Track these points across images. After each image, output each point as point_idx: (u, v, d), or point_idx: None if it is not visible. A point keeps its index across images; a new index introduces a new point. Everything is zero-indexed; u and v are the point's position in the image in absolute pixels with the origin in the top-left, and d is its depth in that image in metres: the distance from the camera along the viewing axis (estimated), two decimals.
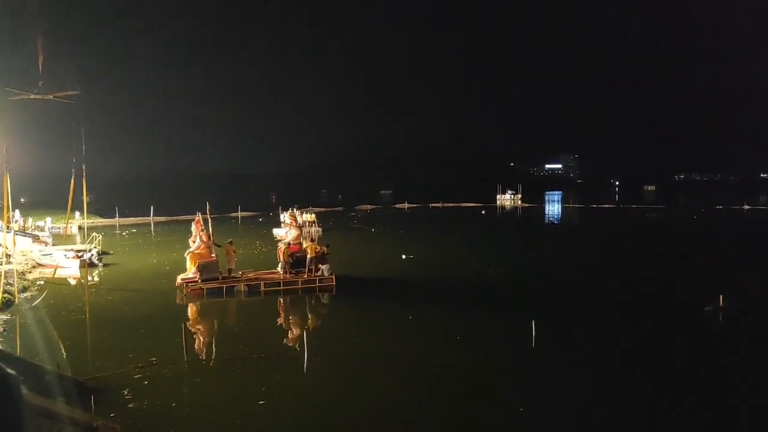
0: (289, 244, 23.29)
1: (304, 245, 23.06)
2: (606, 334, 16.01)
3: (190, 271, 22.02)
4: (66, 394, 10.92)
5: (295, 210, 37.30)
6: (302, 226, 27.36)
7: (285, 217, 33.50)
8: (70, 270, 26.25)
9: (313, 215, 46.88)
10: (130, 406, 10.75)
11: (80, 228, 35.80)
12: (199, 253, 22.16)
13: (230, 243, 23.48)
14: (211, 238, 22.81)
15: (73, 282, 24.47)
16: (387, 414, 10.63)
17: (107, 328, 16.45)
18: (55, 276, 24.39)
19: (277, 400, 11.15)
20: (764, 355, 14.24)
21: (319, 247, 22.88)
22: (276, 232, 41.54)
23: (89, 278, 24.89)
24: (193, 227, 23.11)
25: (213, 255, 22.21)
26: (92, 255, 27.78)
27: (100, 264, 27.77)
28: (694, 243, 39.90)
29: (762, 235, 45.67)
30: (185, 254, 22.98)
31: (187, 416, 10.58)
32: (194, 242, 22.75)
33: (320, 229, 44.36)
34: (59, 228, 41.37)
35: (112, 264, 28.63)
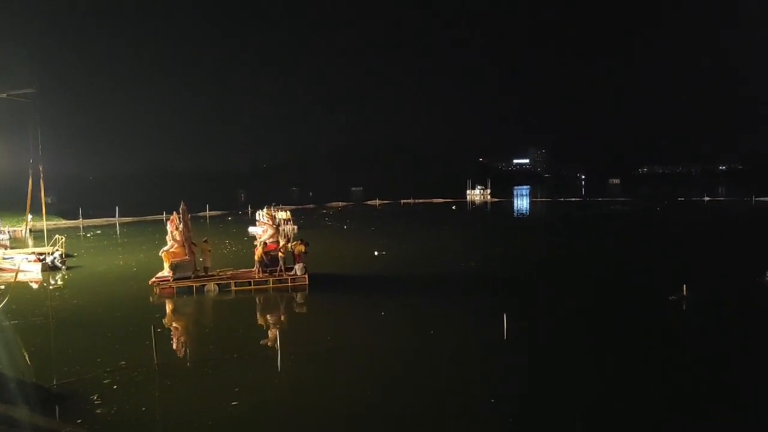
0: (265, 243, 23.10)
1: (281, 243, 22.94)
2: (574, 325, 16.31)
3: (166, 270, 21.78)
4: (30, 401, 10.61)
5: (272, 208, 36.98)
6: (278, 225, 27.16)
7: (261, 215, 33.04)
8: (31, 274, 25.46)
9: (288, 213, 46.60)
10: (99, 411, 10.49)
11: (31, 231, 34.52)
12: (173, 252, 21.92)
13: (205, 242, 23.48)
14: (190, 236, 22.47)
15: (35, 286, 23.74)
16: (361, 410, 10.63)
17: (73, 333, 16.01)
18: (17, 280, 23.60)
19: (250, 400, 11.03)
20: (727, 341, 14.71)
21: (304, 247, 22.71)
22: (252, 230, 41.10)
23: (53, 282, 24.20)
24: (169, 226, 22.82)
25: (187, 254, 21.89)
26: (55, 258, 26.97)
27: (64, 267, 26.99)
28: (658, 234, 41.01)
29: (721, 226, 47.22)
30: (160, 253, 22.69)
31: (158, 420, 10.38)
32: (170, 241, 22.51)
33: (295, 227, 44.11)
34: (17, 230, 40.22)
35: (77, 267, 27.86)
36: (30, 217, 35.96)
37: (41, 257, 26.61)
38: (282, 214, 44.43)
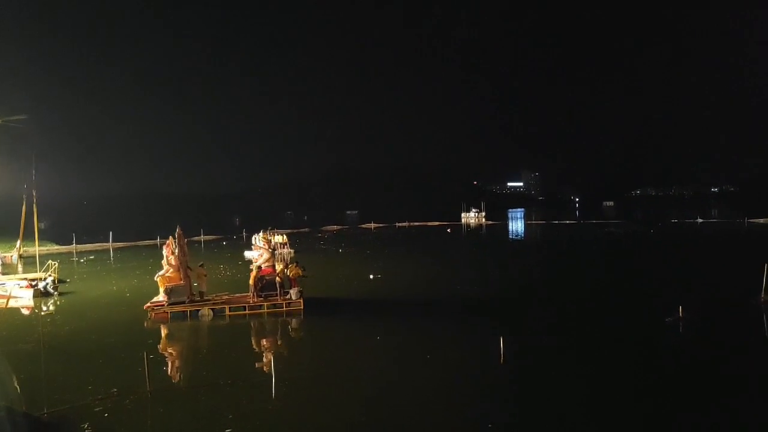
0: (260, 267, 23.00)
1: (279, 268, 22.87)
2: (572, 348, 16.21)
3: (161, 295, 21.66)
4: (22, 430, 10.41)
5: (268, 232, 36.96)
6: (274, 249, 27.11)
7: (257, 239, 33.08)
8: (23, 300, 25.18)
9: (285, 237, 46.53)
10: None
11: (21, 257, 34.24)
12: (168, 277, 21.80)
13: (201, 266, 23.38)
14: (186, 260, 22.32)
15: (26, 312, 23.47)
16: None
17: (64, 360, 15.77)
18: (8, 306, 23.34)
19: (244, 427, 10.84)
20: (725, 360, 14.65)
21: (300, 271, 22.63)
22: (248, 254, 40.99)
23: (44, 308, 23.94)
24: (164, 250, 22.71)
25: (182, 279, 21.74)
26: (47, 284, 26.71)
27: (56, 293, 26.72)
28: (652, 256, 41.10)
29: (715, 247, 47.39)
30: (155, 278, 22.56)
31: None
32: (165, 265, 22.41)
33: (292, 251, 43.98)
34: (6, 256, 39.96)
35: (69, 292, 27.59)
36: (19, 243, 35.88)
37: (33, 283, 26.35)
38: (278, 238, 44.38)
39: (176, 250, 21.97)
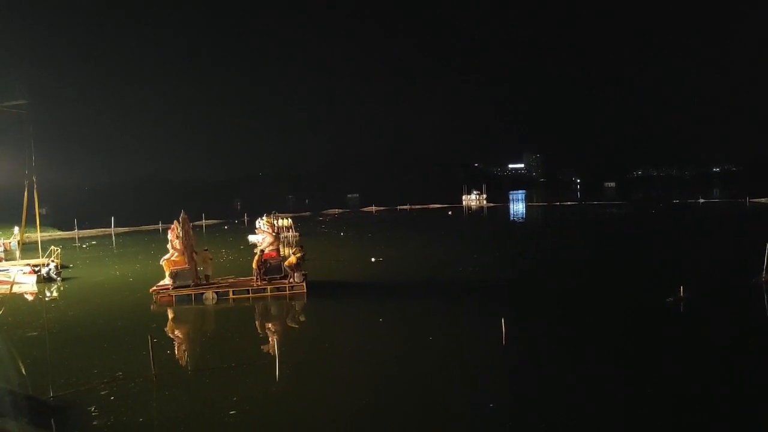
0: (262, 251, 23.08)
1: (282, 252, 22.97)
2: (572, 330, 16.28)
3: (167, 279, 21.82)
4: (27, 414, 10.53)
5: (272, 216, 37.04)
6: (279, 232, 27.17)
7: (261, 223, 33.17)
8: (26, 286, 25.32)
9: (290, 220, 46.74)
10: (95, 423, 10.39)
11: (19, 243, 34.35)
12: (173, 261, 21.93)
13: (206, 250, 23.53)
14: (191, 244, 22.38)
15: (30, 298, 23.60)
16: (360, 419, 10.56)
17: (69, 344, 15.89)
18: (12, 292, 23.46)
19: (248, 409, 10.95)
20: (726, 342, 14.71)
21: (300, 254, 22.69)
22: (251, 238, 41.12)
23: (48, 293, 24.06)
24: (170, 234, 22.81)
25: (187, 263, 21.83)
26: (50, 269, 26.83)
27: (59, 278, 26.84)
28: (653, 236, 41.12)
29: (717, 227, 47.40)
30: (160, 261, 22.71)
31: (155, 431, 10.29)
32: (171, 249, 22.54)
33: (297, 234, 44.19)
34: (5, 242, 40.18)
35: (72, 278, 27.72)
36: (16, 229, 36.06)
37: (36, 269, 26.47)
38: (283, 222, 44.67)
39: (181, 234, 22.04)
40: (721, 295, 19.51)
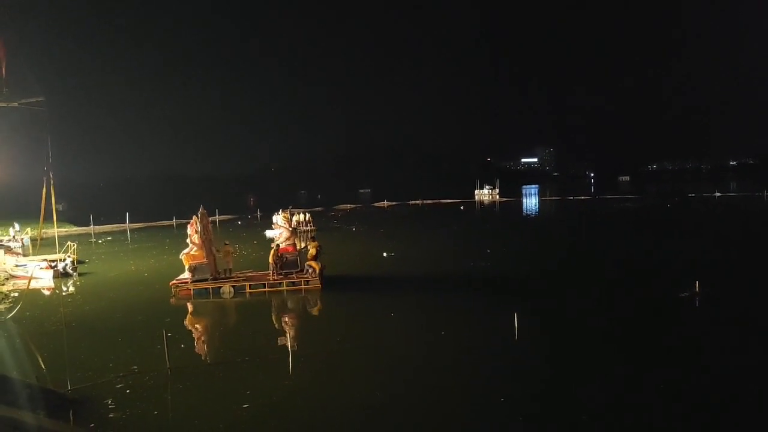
0: (278, 246, 23.28)
1: (299, 246, 23.16)
2: (585, 325, 16.20)
3: (186, 272, 22.23)
4: (46, 407, 10.71)
5: (288, 211, 37.38)
6: (296, 228, 27.40)
7: (278, 218, 33.59)
8: (43, 281, 25.67)
9: (308, 215, 47.31)
10: (111, 416, 10.56)
11: (32, 240, 34.80)
12: (192, 255, 22.25)
13: (227, 244, 23.85)
14: (211, 238, 22.67)
15: (47, 293, 23.95)
16: (373, 414, 10.61)
17: (86, 338, 16.12)
18: (30, 287, 23.82)
19: (261, 403, 11.05)
20: (740, 338, 14.55)
21: (315, 249, 22.80)
22: (269, 233, 41.44)
23: (64, 288, 24.40)
24: (189, 229, 23.11)
25: (206, 257, 22.09)
26: (66, 264, 27.19)
27: (75, 273, 27.20)
28: (668, 230, 40.67)
29: (733, 221, 46.76)
30: (180, 256, 23.09)
31: (169, 423, 10.42)
32: (190, 244, 22.87)
33: (315, 228, 44.60)
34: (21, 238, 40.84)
35: (88, 273, 28.07)
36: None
37: (53, 264, 26.83)
38: (301, 217, 45.26)
39: (200, 229, 22.31)
40: (736, 291, 19.27)
